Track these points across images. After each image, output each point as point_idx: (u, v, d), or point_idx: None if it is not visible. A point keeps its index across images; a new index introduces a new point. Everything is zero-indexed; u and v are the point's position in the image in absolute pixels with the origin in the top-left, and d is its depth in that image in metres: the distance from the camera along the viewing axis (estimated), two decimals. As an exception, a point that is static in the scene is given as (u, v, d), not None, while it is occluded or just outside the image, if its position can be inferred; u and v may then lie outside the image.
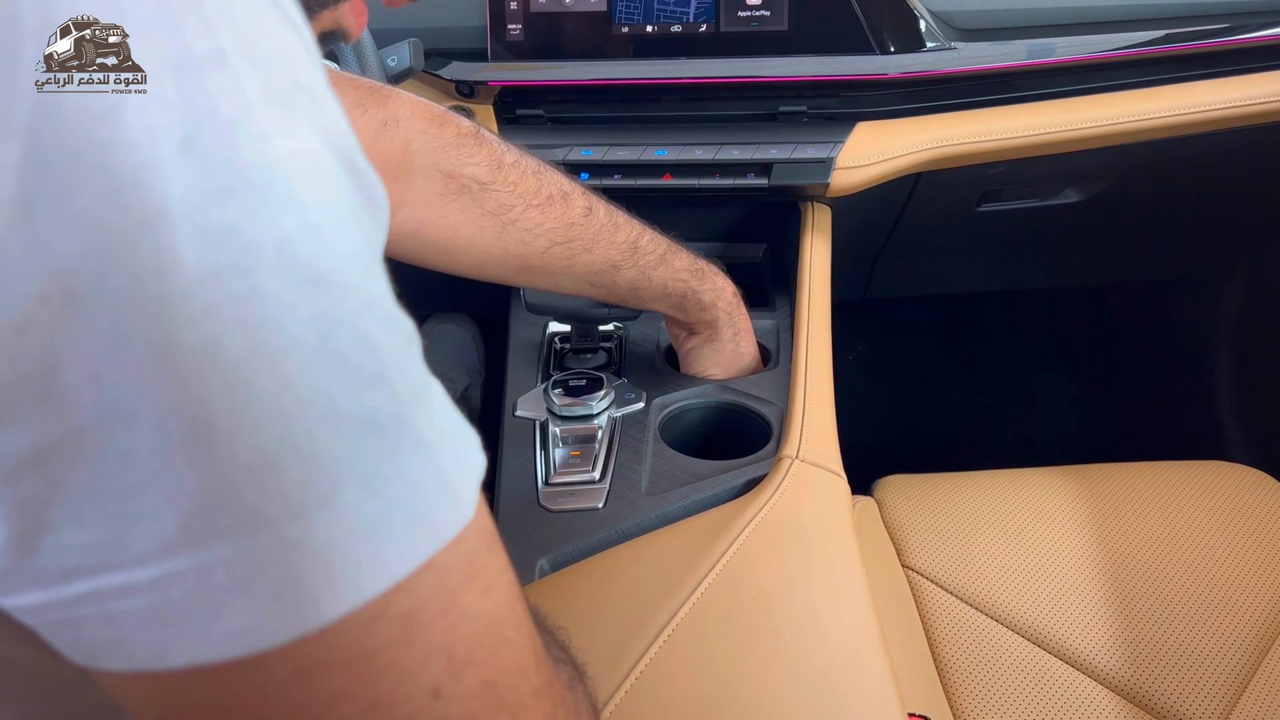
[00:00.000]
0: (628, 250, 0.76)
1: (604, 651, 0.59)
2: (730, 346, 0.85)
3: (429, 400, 0.31)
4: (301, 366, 0.26)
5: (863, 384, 1.62)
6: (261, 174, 0.26)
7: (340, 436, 0.27)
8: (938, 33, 0.96)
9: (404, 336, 0.30)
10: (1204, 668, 0.78)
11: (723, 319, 0.83)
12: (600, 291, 0.78)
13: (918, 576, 0.87)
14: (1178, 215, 1.28)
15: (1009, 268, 1.43)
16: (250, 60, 0.27)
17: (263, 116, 0.26)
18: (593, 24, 0.96)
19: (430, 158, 0.69)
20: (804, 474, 0.71)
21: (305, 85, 0.28)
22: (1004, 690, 0.77)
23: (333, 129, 0.29)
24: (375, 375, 0.28)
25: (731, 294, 0.84)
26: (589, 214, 0.75)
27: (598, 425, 0.80)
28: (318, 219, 0.27)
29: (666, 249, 0.79)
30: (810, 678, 0.59)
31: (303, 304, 0.26)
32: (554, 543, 0.70)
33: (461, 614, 0.31)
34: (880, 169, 0.97)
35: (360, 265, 0.29)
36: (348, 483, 0.27)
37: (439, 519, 0.30)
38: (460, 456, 0.31)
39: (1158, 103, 0.99)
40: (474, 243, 0.72)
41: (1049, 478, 0.96)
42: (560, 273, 0.75)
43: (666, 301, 0.81)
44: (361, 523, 0.27)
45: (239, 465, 0.25)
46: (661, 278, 0.78)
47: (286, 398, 0.26)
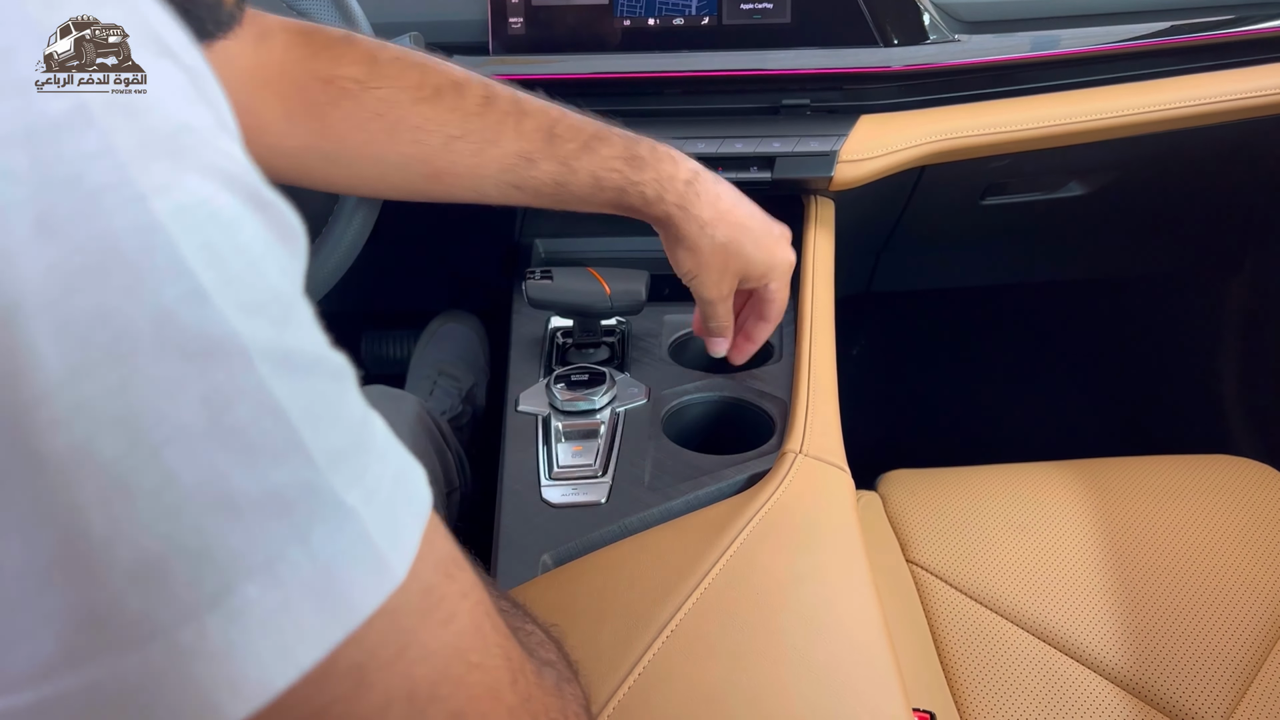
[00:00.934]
0: (541, 138, 0.68)
1: (608, 646, 0.59)
2: (705, 242, 0.72)
3: (356, 454, 0.28)
4: (187, 456, 0.24)
5: (867, 378, 1.61)
6: (138, 242, 0.24)
7: (235, 527, 0.25)
8: (941, 25, 0.96)
9: (330, 380, 0.28)
10: (1209, 662, 0.78)
11: (675, 213, 0.71)
12: (528, 194, 0.70)
13: (922, 571, 0.87)
14: (1183, 208, 1.28)
15: (1013, 261, 1.43)
16: (123, 112, 0.24)
17: (139, 175, 0.24)
18: (595, 17, 0.96)
19: (305, 65, 0.65)
20: (808, 468, 0.71)
21: (192, 126, 0.26)
22: (1009, 685, 0.77)
23: (230, 165, 0.27)
24: (282, 445, 0.26)
25: (685, 180, 0.71)
26: (488, 102, 0.67)
27: (600, 420, 0.79)
28: (210, 280, 0.25)
29: (592, 134, 0.69)
30: (814, 673, 0.59)
31: (190, 383, 0.24)
32: (557, 538, 0.70)
33: (421, 652, 0.29)
34: (884, 162, 0.96)
35: (271, 315, 0.26)
36: (246, 576, 0.25)
37: (359, 594, 0.27)
38: (393, 509, 0.29)
39: (1162, 95, 0.98)
40: (366, 150, 0.66)
41: (1053, 472, 0.96)
42: (471, 174, 0.68)
43: (603, 196, 0.70)
44: (262, 617, 0.25)
45: (122, 574, 0.24)
46: (589, 168, 0.68)
47: (170, 493, 0.24)
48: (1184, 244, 1.38)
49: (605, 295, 0.84)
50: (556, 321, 0.94)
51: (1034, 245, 1.38)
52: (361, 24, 0.84)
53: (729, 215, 0.73)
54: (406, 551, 0.29)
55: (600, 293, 0.84)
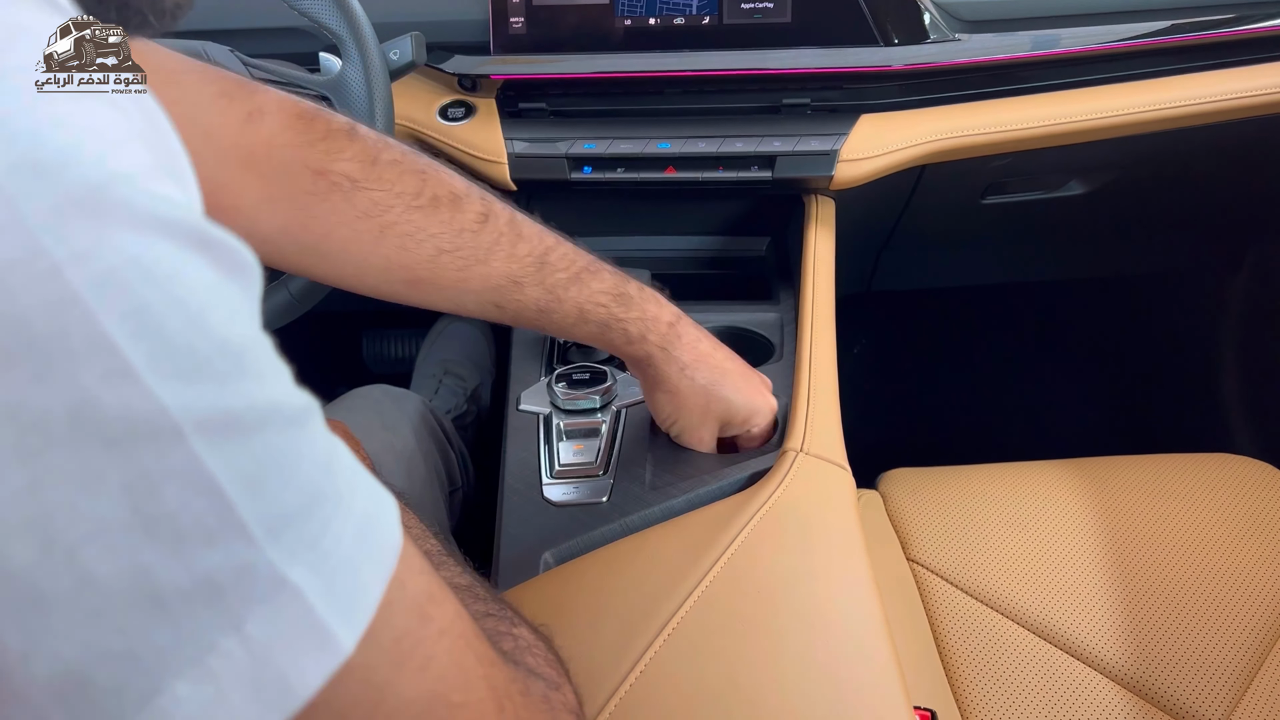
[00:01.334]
0: (532, 265, 0.66)
1: (608, 645, 0.59)
2: (685, 384, 0.72)
3: (309, 515, 0.27)
4: (107, 552, 0.23)
5: (867, 377, 1.62)
6: (51, 323, 0.22)
7: (161, 622, 0.24)
8: (942, 24, 0.96)
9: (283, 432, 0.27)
10: (1210, 661, 0.78)
11: (657, 354, 0.70)
12: (508, 315, 0.68)
13: (923, 570, 0.87)
14: (1183, 207, 1.28)
15: (1014, 260, 1.43)
16: (32, 172, 0.22)
17: (53, 245, 0.22)
18: (595, 17, 0.96)
19: (297, 153, 0.62)
20: (808, 467, 0.71)
21: (122, 173, 0.24)
22: (1009, 684, 0.77)
23: (168, 210, 0.25)
24: (215, 525, 0.24)
25: (669, 322, 0.71)
26: (485, 220, 0.66)
27: (601, 419, 0.80)
28: (138, 353, 0.23)
29: (583, 267, 0.68)
30: (815, 672, 0.59)
31: (111, 472, 0.23)
32: (558, 536, 0.70)
33: (397, 703, 0.29)
34: (884, 161, 0.96)
35: (213, 374, 0.25)
36: (175, 672, 0.24)
37: (299, 675, 0.26)
38: (345, 574, 0.28)
39: (1163, 94, 0.98)
40: (349, 248, 0.63)
41: (1054, 471, 0.96)
42: (454, 287, 0.66)
43: (585, 329, 0.69)
44: (193, 715, 0.24)
45: (40, 690, 0.22)
46: (575, 300, 0.67)
47: (88, 597, 0.23)
48: (1184, 243, 1.38)
49: (606, 294, 0.84)
50: (557, 321, 0.94)
51: (1034, 244, 1.38)
52: (363, 24, 0.84)
53: (709, 359, 0.73)
54: (361, 616, 0.28)
55: (601, 292, 0.84)
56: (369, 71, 0.84)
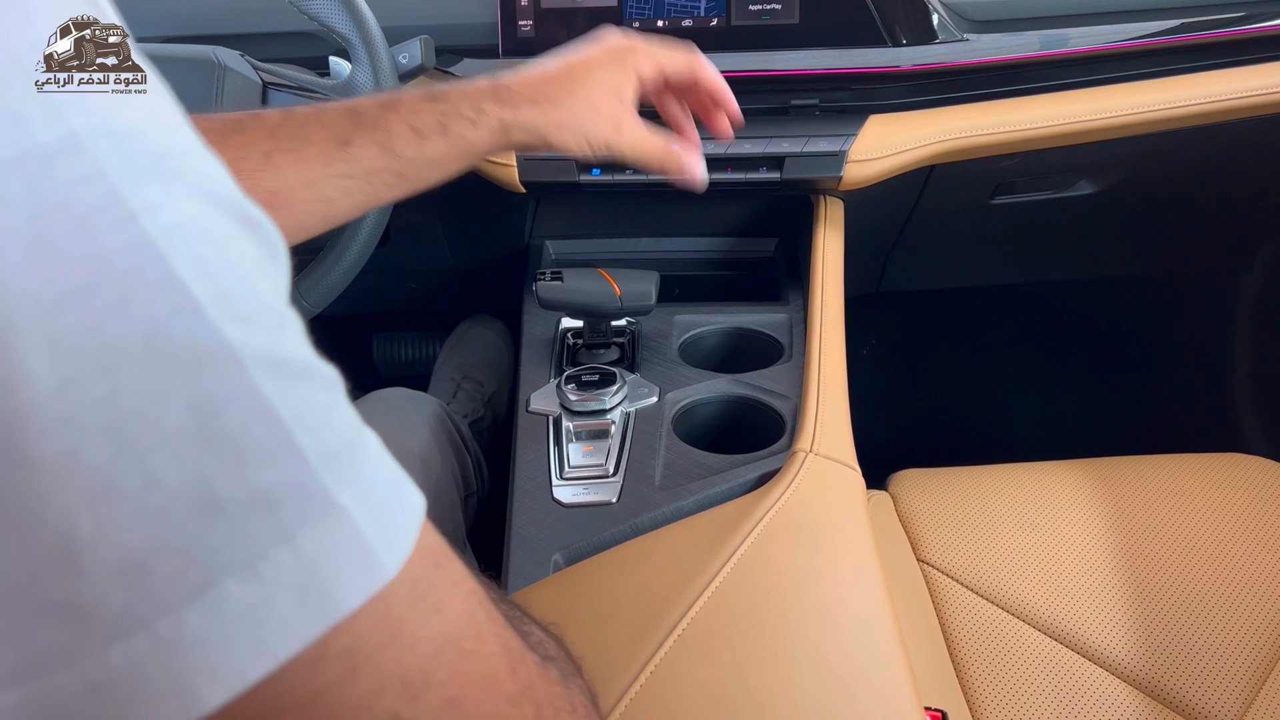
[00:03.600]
0: (346, 118, 0.66)
1: (619, 646, 0.59)
2: (555, 113, 0.69)
3: (351, 456, 0.29)
4: (173, 460, 0.25)
5: (877, 378, 1.61)
6: (129, 260, 0.25)
7: (217, 526, 0.26)
8: (950, 25, 0.96)
9: (322, 388, 0.29)
10: (1222, 661, 0.78)
11: (506, 115, 0.68)
12: (365, 182, 0.67)
13: (933, 570, 0.87)
14: (1193, 206, 1.27)
15: (1023, 260, 1.42)
16: (110, 138, 0.25)
17: (130, 196, 0.25)
18: (604, 19, 0.96)
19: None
20: (818, 468, 0.71)
21: (176, 150, 0.27)
22: (1020, 684, 0.77)
23: (215, 187, 0.28)
24: (274, 447, 0.27)
25: (490, 85, 0.69)
26: (287, 114, 0.66)
27: (611, 420, 0.80)
28: (202, 292, 0.26)
29: (391, 95, 0.68)
30: (825, 672, 0.59)
31: (180, 390, 0.25)
32: (568, 537, 0.70)
33: (412, 639, 0.30)
34: (893, 162, 0.96)
35: (264, 325, 0.27)
36: (227, 571, 0.26)
37: (344, 590, 0.28)
38: (385, 510, 0.30)
39: (1172, 93, 0.98)
40: None
41: (1064, 471, 0.95)
42: (302, 184, 0.65)
43: (435, 147, 0.67)
44: (239, 611, 0.26)
45: (106, 571, 0.25)
46: (400, 124, 0.66)
47: (154, 496, 0.25)
48: (1194, 242, 1.38)
49: (615, 296, 0.84)
50: (567, 322, 0.94)
51: (1044, 244, 1.37)
52: (372, 27, 0.84)
53: (547, 78, 0.70)
54: (400, 548, 0.30)
55: (610, 293, 0.84)
56: (378, 75, 0.84)
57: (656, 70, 0.74)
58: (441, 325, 1.47)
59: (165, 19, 1.02)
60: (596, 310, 0.86)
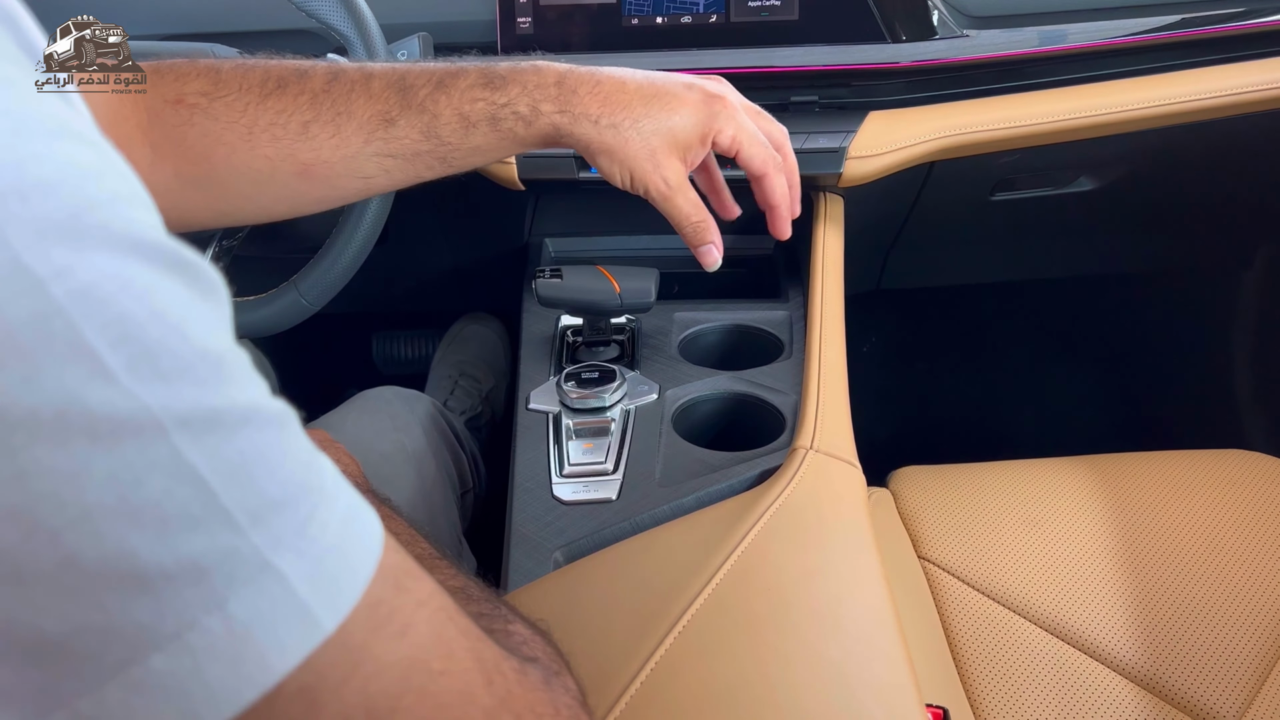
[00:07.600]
0: (393, 93, 0.63)
1: (619, 643, 0.59)
2: (611, 137, 0.64)
3: (292, 506, 0.28)
4: (90, 537, 0.24)
5: (877, 375, 1.61)
6: (36, 332, 0.24)
7: (142, 600, 0.25)
8: (949, 21, 0.96)
9: (263, 431, 0.28)
10: (1224, 658, 0.77)
11: (562, 122, 0.64)
12: (406, 162, 0.65)
13: (934, 568, 0.87)
14: (1194, 203, 1.27)
15: (1023, 257, 1.42)
16: (18, 198, 0.24)
17: (35, 262, 0.24)
18: (602, 16, 0.96)
19: (155, 93, 0.62)
20: (819, 465, 0.71)
21: (97, 201, 0.26)
22: (1022, 681, 0.77)
23: (141, 233, 0.27)
24: (199, 512, 0.26)
25: (555, 82, 0.64)
26: (333, 77, 0.64)
27: (611, 418, 0.80)
28: (118, 357, 0.25)
29: (445, 71, 0.64)
30: (826, 669, 0.59)
31: (97, 463, 0.24)
32: (568, 535, 0.70)
33: (376, 667, 0.30)
34: (893, 158, 0.96)
35: (193, 378, 0.27)
36: (153, 645, 0.25)
37: (278, 653, 0.27)
38: (331, 557, 0.29)
39: (1172, 89, 0.98)
40: (230, 163, 0.63)
41: (1066, 468, 0.95)
42: (339, 158, 0.63)
43: (480, 137, 0.64)
44: (167, 684, 0.26)
45: (20, 654, 0.24)
46: (450, 108, 0.63)
47: (70, 576, 0.24)
48: (1195, 238, 1.38)
49: (615, 293, 0.84)
50: (566, 320, 0.94)
51: (1044, 241, 1.37)
52: (371, 24, 0.84)
53: (620, 95, 0.64)
54: (346, 599, 0.29)
55: (610, 291, 0.84)
56: None
57: (732, 145, 0.69)
58: (441, 323, 1.47)
59: (163, 17, 1.02)
60: (596, 308, 0.86)
